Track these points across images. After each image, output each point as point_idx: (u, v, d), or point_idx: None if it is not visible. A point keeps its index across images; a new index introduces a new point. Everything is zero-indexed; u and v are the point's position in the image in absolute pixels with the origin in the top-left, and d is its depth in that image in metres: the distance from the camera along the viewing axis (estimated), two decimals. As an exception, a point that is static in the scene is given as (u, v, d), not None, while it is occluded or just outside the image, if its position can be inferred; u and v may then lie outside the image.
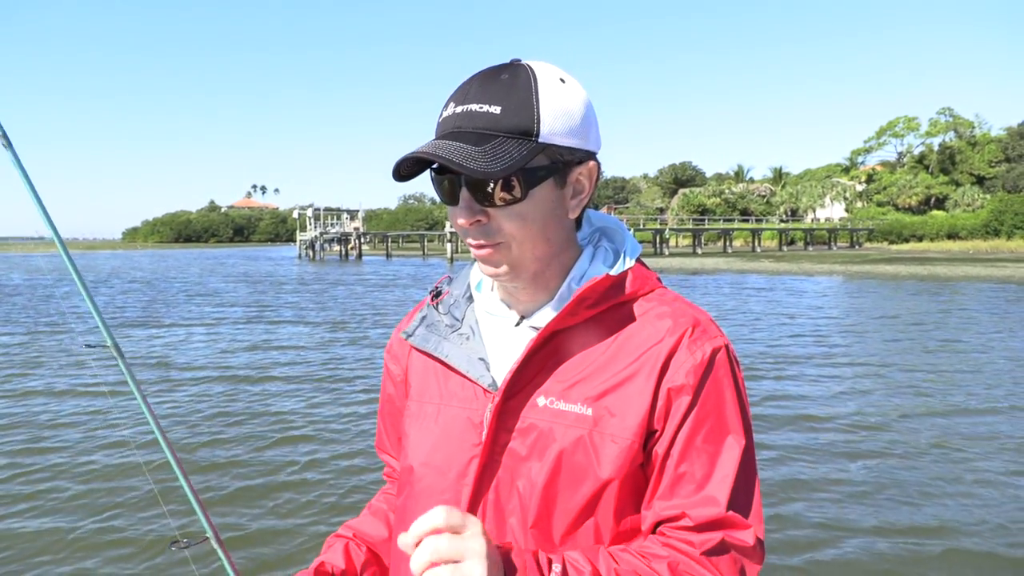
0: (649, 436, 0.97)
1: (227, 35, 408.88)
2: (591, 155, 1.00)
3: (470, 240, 0.97)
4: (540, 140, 0.93)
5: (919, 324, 15.13)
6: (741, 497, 0.95)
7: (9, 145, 0.96)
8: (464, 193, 0.94)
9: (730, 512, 0.93)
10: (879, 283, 26.62)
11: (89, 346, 1.05)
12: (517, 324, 1.06)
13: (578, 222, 1.07)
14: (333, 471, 6.11)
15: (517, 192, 0.94)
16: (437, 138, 0.95)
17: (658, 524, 0.97)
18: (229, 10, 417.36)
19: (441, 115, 0.96)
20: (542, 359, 1.00)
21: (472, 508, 1.00)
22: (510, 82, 0.94)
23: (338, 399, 8.71)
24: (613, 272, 1.01)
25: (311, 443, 6.88)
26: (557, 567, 0.88)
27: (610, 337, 1.00)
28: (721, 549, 0.92)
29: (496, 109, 0.92)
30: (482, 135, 0.92)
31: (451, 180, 0.95)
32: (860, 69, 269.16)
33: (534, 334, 1.01)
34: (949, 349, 11.97)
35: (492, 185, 0.92)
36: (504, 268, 0.99)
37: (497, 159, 0.90)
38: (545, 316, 1.02)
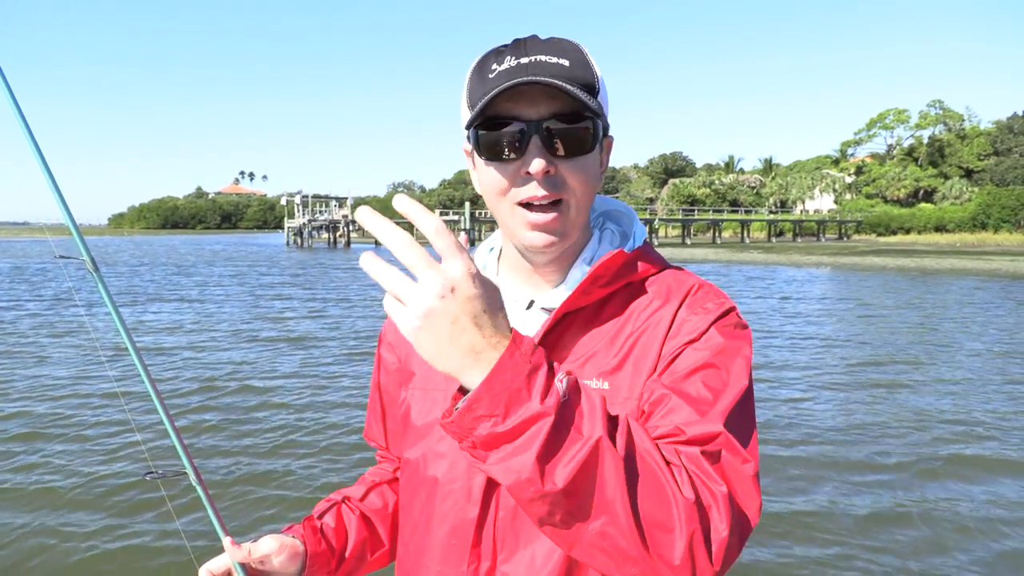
0: None
1: (215, 20, 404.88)
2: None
3: (534, 198, 0.92)
4: (598, 99, 0.93)
5: (866, 306, 15.29)
6: (739, 431, 0.84)
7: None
8: (535, 141, 0.91)
9: (730, 435, 0.82)
10: (862, 273, 26.59)
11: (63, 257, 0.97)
12: (528, 307, 1.03)
13: None
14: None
15: (588, 141, 0.92)
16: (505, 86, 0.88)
17: None
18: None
19: (494, 70, 0.91)
20: (554, 340, 0.97)
21: (486, 499, 0.96)
22: (564, 42, 0.93)
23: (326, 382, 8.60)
24: (625, 250, 0.99)
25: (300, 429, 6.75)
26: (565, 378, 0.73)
27: (620, 313, 0.98)
28: (719, 457, 0.81)
29: (565, 62, 0.90)
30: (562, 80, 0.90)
31: (522, 129, 0.90)
32: (851, 61, 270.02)
33: (546, 316, 1.00)
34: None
35: (570, 130, 0.90)
36: (560, 233, 0.95)
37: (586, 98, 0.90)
38: (557, 297, 1.00)
